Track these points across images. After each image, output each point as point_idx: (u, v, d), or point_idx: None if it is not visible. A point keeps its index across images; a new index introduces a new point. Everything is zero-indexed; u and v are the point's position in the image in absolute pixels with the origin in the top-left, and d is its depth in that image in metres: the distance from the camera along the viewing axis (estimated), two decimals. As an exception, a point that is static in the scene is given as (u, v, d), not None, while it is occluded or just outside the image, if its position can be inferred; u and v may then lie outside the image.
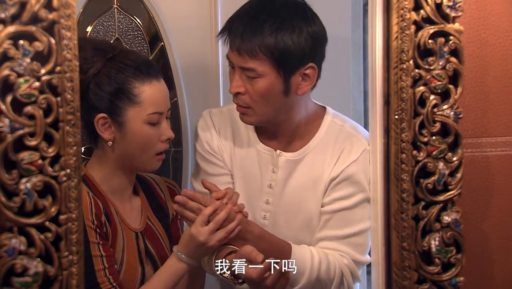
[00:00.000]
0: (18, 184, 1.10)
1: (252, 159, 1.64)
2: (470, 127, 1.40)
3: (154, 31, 2.07)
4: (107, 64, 1.53)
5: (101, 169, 1.58)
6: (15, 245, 1.10)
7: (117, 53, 1.56)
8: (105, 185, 1.58)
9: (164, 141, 1.56)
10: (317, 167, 1.60)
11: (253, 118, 1.56)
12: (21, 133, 1.09)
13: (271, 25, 1.48)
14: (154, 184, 1.72)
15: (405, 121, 1.27)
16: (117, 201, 1.59)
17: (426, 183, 1.28)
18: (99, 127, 1.53)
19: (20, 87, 1.09)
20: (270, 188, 1.62)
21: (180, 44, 2.08)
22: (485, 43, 1.38)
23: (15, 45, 1.08)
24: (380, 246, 1.35)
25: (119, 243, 1.55)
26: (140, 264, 1.58)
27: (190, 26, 2.09)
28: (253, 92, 1.51)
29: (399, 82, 1.27)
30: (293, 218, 1.62)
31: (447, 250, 1.30)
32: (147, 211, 1.66)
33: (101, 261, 1.47)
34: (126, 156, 1.56)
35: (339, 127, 1.63)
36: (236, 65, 1.52)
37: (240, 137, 1.66)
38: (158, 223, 1.67)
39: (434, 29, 1.25)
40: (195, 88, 2.11)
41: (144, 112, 1.52)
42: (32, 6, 1.09)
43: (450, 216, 1.29)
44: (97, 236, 1.48)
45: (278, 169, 1.61)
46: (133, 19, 2.06)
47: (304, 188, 1.61)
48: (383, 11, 1.28)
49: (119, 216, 1.58)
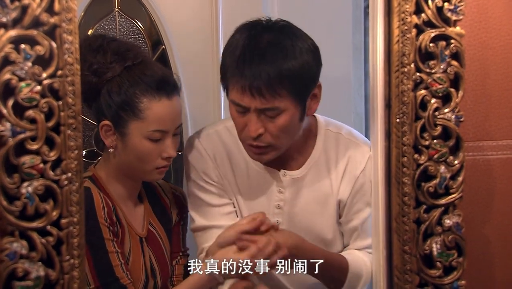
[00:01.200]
0: (19, 188, 1.09)
1: (254, 182, 1.60)
2: (471, 131, 1.40)
3: (155, 34, 2.08)
4: (123, 72, 1.52)
5: (106, 172, 1.59)
6: (17, 249, 1.10)
7: (137, 63, 1.54)
8: (110, 188, 1.59)
9: (164, 158, 1.55)
10: (324, 182, 1.59)
11: (272, 154, 1.50)
12: (22, 137, 1.09)
13: (282, 59, 1.41)
14: (160, 190, 1.72)
15: (406, 124, 1.27)
16: (122, 204, 1.59)
17: (428, 186, 1.28)
18: (102, 133, 1.55)
19: (22, 91, 1.08)
20: (278, 209, 1.59)
21: (181, 48, 2.08)
22: (486, 46, 1.38)
23: (17, 49, 1.08)
24: (382, 250, 1.35)
25: (126, 244, 1.56)
26: (144, 268, 1.58)
27: (191, 29, 2.09)
28: (275, 129, 1.45)
29: (400, 86, 1.27)
30: (306, 236, 1.55)
31: (449, 254, 1.30)
32: (149, 216, 1.66)
33: (118, 257, 1.49)
34: (126, 165, 1.56)
35: (335, 136, 1.61)
36: (253, 108, 1.43)
37: (236, 160, 1.60)
38: (161, 228, 1.67)
39: (435, 32, 1.25)
40: (196, 92, 2.11)
41: (146, 128, 1.51)
42: (33, 10, 1.09)
43: (451, 219, 1.29)
44: (111, 234, 1.49)
45: (285, 189, 1.58)
46: (134, 23, 2.06)
47: (314, 204, 1.59)
48: (384, 14, 1.28)
49: (126, 220, 1.58)
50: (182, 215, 1.72)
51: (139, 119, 1.51)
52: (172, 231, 1.70)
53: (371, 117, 1.39)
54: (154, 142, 1.52)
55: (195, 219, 1.62)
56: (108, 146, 1.55)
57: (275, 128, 1.45)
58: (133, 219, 1.61)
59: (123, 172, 1.58)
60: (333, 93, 2.01)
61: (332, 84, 1.80)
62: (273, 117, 1.44)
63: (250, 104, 1.42)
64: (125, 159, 1.55)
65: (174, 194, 1.73)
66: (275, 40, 1.43)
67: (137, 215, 1.64)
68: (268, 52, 1.42)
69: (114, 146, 1.55)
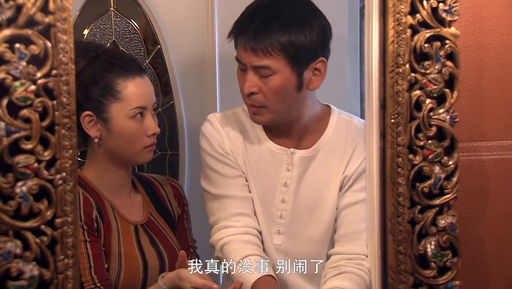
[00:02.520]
0: (13, 187, 1.09)
1: (265, 159, 1.64)
2: (466, 131, 1.40)
3: (151, 34, 2.07)
4: (91, 63, 1.58)
5: (93, 167, 1.63)
6: (11, 249, 1.10)
7: (100, 52, 1.61)
8: (99, 183, 1.61)
9: (150, 135, 1.60)
10: (332, 163, 1.62)
11: (266, 117, 1.57)
12: (17, 137, 1.09)
13: (283, 22, 1.50)
14: (156, 183, 1.75)
15: (401, 125, 1.27)
16: (115, 196, 1.62)
17: (422, 187, 1.28)
18: (85, 125, 1.57)
19: (16, 91, 1.08)
20: (285, 187, 1.62)
21: (177, 47, 2.08)
22: (481, 47, 1.39)
23: (11, 49, 1.07)
24: (376, 250, 1.35)
25: (114, 236, 1.57)
26: (141, 254, 1.59)
27: (187, 29, 2.09)
28: (268, 90, 1.52)
29: (395, 86, 1.27)
30: (310, 216, 1.62)
31: (443, 254, 1.30)
32: (149, 207, 1.69)
33: (87, 259, 1.50)
34: (115, 152, 1.60)
35: (347, 122, 1.66)
36: (249, 65, 1.52)
37: (249, 138, 1.66)
38: (161, 220, 1.69)
39: (430, 33, 1.26)
40: (192, 92, 2.11)
41: (127, 107, 1.56)
42: (28, 9, 1.08)
43: (446, 220, 1.29)
44: (85, 233, 1.51)
45: (293, 167, 1.62)
46: (130, 22, 2.06)
47: (319, 184, 1.62)
48: (379, 15, 1.28)
49: (116, 210, 1.60)
50: (183, 207, 1.75)
51: (118, 100, 1.56)
52: (177, 227, 1.72)
53: (367, 118, 1.39)
54: (136, 121, 1.58)
55: (209, 189, 1.65)
56: (93, 136, 1.58)
57: (268, 89, 1.52)
58: (128, 208, 1.64)
59: (112, 161, 1.61)
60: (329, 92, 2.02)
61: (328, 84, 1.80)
62: (266, 77, 1.51)
63: (246, 60, 1.52)
64: (112, 145, 1.59)
65: (171, 184, 1.76)
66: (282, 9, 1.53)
67: (134, 204, 1.66)
68: (270, 15, 1.52)
69: (98, 136, 1.58)
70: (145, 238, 1.62)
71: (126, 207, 1.63)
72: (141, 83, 1.59)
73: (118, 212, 1.60)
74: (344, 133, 1.64)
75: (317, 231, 1.63)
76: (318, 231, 1.63)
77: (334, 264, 1.60)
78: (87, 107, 1.56)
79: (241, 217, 1.61)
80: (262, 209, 1.62)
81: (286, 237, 1.63)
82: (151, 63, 2.08)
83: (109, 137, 1.58)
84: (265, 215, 1.63)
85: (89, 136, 1.59)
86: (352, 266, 1.56)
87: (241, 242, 1.57)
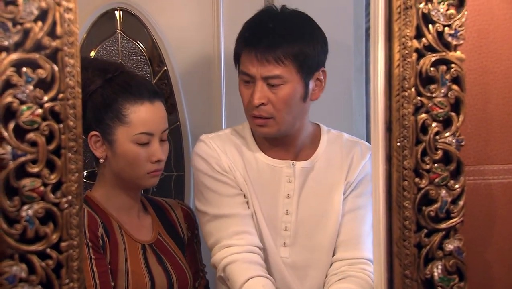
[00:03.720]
0: (19, 211, 1.09)
1: (264, 174, 1.66)
2: (472, 155, 1.39)
3: (157, 55, 2.09)
4: (105, 84, 1.59)
5: (102, 188, 1.64)
6: (16, 273, 1.10)
7: (117, 74, 1.62)
8: (107, 202, 1.63)
9: (154, 162, 1.59)
10: (332, 172, 1.66)
11: (273, 129, 1.60)
12: (23, 160, 1.09)
13: (292, 33, 1.57)
14: (167, 206, 1.75)
15: (407, 148, 1.27)
16: (123, 216, 1.63)
17: (428, 210, 1.27)
18: (91, 144, 1.60)
19: (23, 114, 1.08)
20: (288, 198, 1.64)
21: (183, 69, 2.09)
22: (487, 71, 1.38)
23: (18, 73, 1.08)
24: (383, 274, 1.34)
25: (121, 254, 1.58)
26: (148, 273, 1.59)
27: (193, 51, 2.10)
28: (277, 100, 1.56)
29: (401, 109, 1.27)
30: (315, 225, 1.64)
31: (450, 278, 1.29)
32: (158, 228, 1.69)
33: (92, 277, 1.50)
34: (119, 174, 1.61)
35: (337, 136, 1.72)
36: (258, 76, 1.56)
37: (245, 155, 1.67)
38: (171, 241, 1.70)
39: (435, 57, 1.26)
40: (198, 112, 2.11)
41: (132, 132, 1.57)
42: (35, 33, 1.09)
43: (452, 244, 1.28)
44: (90, 251, 1.51)
45: (295, 178, 1.64)
46: (137, 44, 2.07)
47: (321, 194, 1.65)
48: (385, 39, 1.28)
49: (123, 229, 1.61)
50: (193, 231, 1.76)
51: (124, 124, 1.57)
52: (187, 250, 1.72)
53: (372, 141, 1.38)
54: (141, 146, 1.58)
55: (207, 210, 1.65)
56: (99, 157, 1.60)
57: (277, 99, 1.56)
58: (137, 228, 1.64)
59: (118, 182, 1.62)
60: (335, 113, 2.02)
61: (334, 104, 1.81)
62: (276, 87, 1.55)
63: (255, 72, 1.56)
64: (116, 167, 1.60)
65: (182, 208, 1.77)
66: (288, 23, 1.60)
67: (143, 225, 1.67)
68: (277, 27, 1.58)
69: (104, 157, 1.60)
70: (153, 258, 1.62)
71: (135, 227, 1.64)
72: (149, 109, 1.59)
73: (126, 231, 1.61)
74: (338, 146, 1.69)
75: (323, 240, 1.65)
76: (324, 239, 1.65)
77: (337, 270, 1.61)
78: (94, 128, 1.58)
79: (243, 235, 1.61)
80: (267, 224, 1.64)
81: (293, 249, 1.64)
82: (157, 84, 2.08)
83: (113, 159, 1.59)
84: (270, 229, 1.64)
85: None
86: (355, 270, 1.58)
87: (245, 263, 1.57)
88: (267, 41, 1.56)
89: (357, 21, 2.18)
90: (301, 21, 1.62)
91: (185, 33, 2.09)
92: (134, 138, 1.57)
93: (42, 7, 1.09)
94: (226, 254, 1.59)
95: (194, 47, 2.10)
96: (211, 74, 2.09)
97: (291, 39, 1.56)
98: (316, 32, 1.62)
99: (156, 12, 2.07)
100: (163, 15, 2.07)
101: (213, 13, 2.09)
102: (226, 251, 1.60)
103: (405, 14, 1.24)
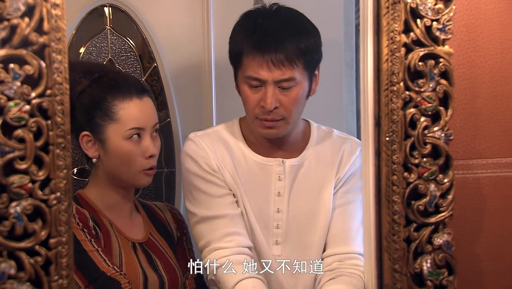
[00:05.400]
0: (8, 207, 1.09)
1: (254, 172, 1.65)
2: (461, 149, 1.40)
3: (147, 52, 2.08)
4: (92, 84, 1.59)
5: (95, 186, 1.63)
6: (5, 270, 1.09)
7: (103, 74, 1.61)
8: (100, 202, 1.62)
9: (147, 157, 1.59)
10: (322, 168, 1.66)
11: (282, 129, 1.60)
12: (11, 157, 1.09)
13: (295, 30, 1.55)
14: (156, 208, 1.76)
15: (396, 143, 1.27)
16: (114, 215, 1.62)
17: (418, 205, 1.28)
18: (83, 145, 1.59)
19: (10, 111, 1.08)
20: (279, 196, 1.64)
21: (173, 66, 2.09)
22: (475, 65, 1.39)
23: (6, 69, 1.08)
24: (372, 268, 1.34)
25: (114, 248, 1.57)
26: (141, 269, 1.59)
27: (183, 47, 2.10)
28: (288, 101, 1.56)
29: (390, 104, 1.27)
30: (306, 222, 1.64)
31: (439, 272, 1.29)
32: (149, 228, 1.69)
33: (99, 254, 1.50)
34: (112, 173, 1.60)
35: (327, 133, 1.71)
36: (270, 81, 1.53)
37: (235, 154, 1.66)
38: (162, 240, 1.70)
39: (424, 51, 1.26)
40: (188, 109, 2.11)
41: (123, 128, 1.57)
42: (22, 29, 1.09)
43: (441, 238, 1.29)
44: (86, 234, 1.51)
45: (285, 176, 1.64)
46: (126, 40, 2.07)
47: (312, 190, 1.65)
48: (373, 33, 1.28)
49: (114, 227, 1.60)
50: (182, 230, 1.76)
51: (114, 121, 1.56)
52: (177, 247, 1.72)
53: (362, 136, 1.39)
54: (133, 142, 1.57)
55: (196, 212, 1.64)
56: (91, 157, 1.60)
57: (289, 101, 1.55)
58: (129, 227, 1.64)
59: (111, 181, 1.61)
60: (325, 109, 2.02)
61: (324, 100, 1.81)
62: (288, 89, 1.54)
63: (267, 77, 1.53)
64: (109, 166, 1.59)
65: (170, 211, 1.78)
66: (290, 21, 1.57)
67: (134, 224, 1.67)
68: (281, 28, 1.55)
69: (96, 156, 1.59)
70: (143, 257, 1.61)
71: (126, 225, 1.63)
72: (139, 104, 1.59)
73: (117, 228, 1.60)
74: (328, 142, 1.69)
75: (315, 236, 1.65)
76: (316, 235, 1.65)
77: (328, 266, 1.61)
78: (85, 128, 1.58)
79: (233, 237, 1.60)
80: (258, 222, 1.63)
81: (285, 246, 1.64)
82: (147, 81, 2.08)
83: (106, 158, 1.59)
84: (261, 227, 1.63)
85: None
86: (346, 267, 1.58)
87: (235, 265, 1.56)
88: (277, 44, 1.53)
89: (347, 17, 2.18)
90: (298, 17, 1.60)
91: (175, 29, 2.09)
92: (125, 134, 1.56)
93: (29, 3, 1.08)
94: (216, 256, 1.58)
95: (185, 44, 2.10)
96: (201, 71, 2.09)
97: (298, 37, 1.54)
98: (313, 26, 1.61)
99: (146, 9, 2.06)
100: (153, 12, 2.07)
101: (203, 9, 2.08)
102: (216, 254, 1.59)
103: (393, 9, 1.24)
